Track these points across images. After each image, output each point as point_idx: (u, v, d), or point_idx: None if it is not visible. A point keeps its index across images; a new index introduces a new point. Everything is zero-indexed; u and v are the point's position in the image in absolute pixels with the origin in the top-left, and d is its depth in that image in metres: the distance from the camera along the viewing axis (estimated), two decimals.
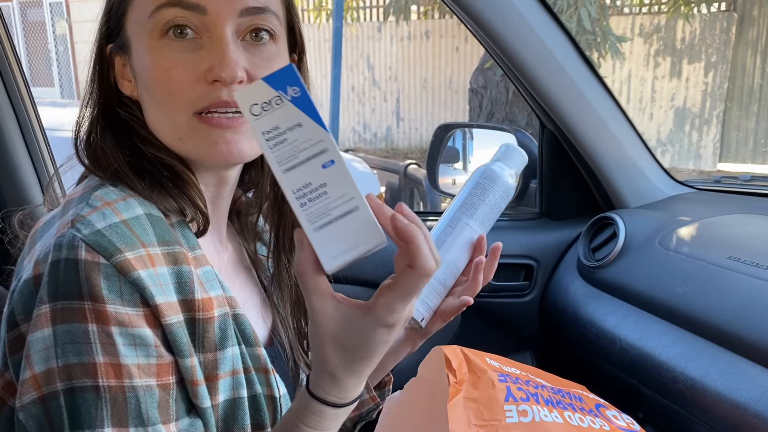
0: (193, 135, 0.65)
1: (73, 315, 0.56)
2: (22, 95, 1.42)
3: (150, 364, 0.59)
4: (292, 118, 0.55)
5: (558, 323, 1.38)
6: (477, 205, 0.77)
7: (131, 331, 0.57)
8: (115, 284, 0.57)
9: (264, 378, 0.68)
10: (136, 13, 0.66)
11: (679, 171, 6.97)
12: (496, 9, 1.18)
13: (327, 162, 0.56)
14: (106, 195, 0.63)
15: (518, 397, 0.94)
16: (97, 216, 0.60)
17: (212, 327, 0.63)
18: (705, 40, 7.13)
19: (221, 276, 0.69)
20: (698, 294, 1.04)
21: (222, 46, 0.64)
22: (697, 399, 0.94)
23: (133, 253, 0.59)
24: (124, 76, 0.70)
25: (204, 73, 0.64)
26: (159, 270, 0.60)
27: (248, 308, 0.77)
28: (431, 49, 8.48)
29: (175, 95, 0.64)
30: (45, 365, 0.56)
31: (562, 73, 1.26)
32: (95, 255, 0.57)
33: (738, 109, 7.18)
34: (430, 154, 1.65)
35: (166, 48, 0.64)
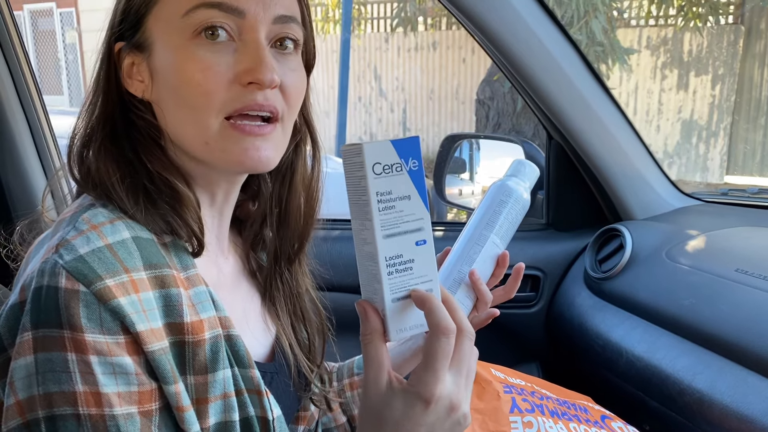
0: (223, 140, 0.64)
1: (52, 344, 0.56)
2: (35, 103, 1.43)
3: (131, 392, 0.58)
4: (405, 189, 0.57)
5: (564, 334, 1.37)
6: (496, 220, 0.79)
7: (110, 360, 0.57)
8: (95, 312, 0.56)
9: (257, 400, 0.67)
10: (164, 12, 0.64)
11: (686, 183, 6.95)
12: (503, 20, 1.19)
13: (420, 240, 0.58)
14: (93, 217, 0.62)
15: (523, 409, 0.94)
16: (81, 240, 0.59)
17: (202, 350, 0.62)
18: (712, 53, 7.13)
19: (216, 294, 0.67)
20: (705, 306, 1.04)
21: (259, 49, 0.64)
22: (704, 412, 0.93)
23: (114, 280, 0.58)
24: (135, 76, 0.67)
25: (238, 76, 0.63)
26: (143, 295, 0.59)
27: (249, 318, 0.77)
28: (438, 60, 8.51)
29: (208, 96, 0.63)
30: (27, 392, 0.56)
31: (569, 85, 1.26)
32: (75, 283, 0.56)
33: (745, 121, 7.17)
34: (437, 164, 1.65)
35: (199, 48, 0.63)
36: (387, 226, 0.57)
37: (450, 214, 4.12)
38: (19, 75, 1.41)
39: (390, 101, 8.86)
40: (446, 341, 0.57)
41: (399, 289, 0.58)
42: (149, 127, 0.67)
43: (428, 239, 0.59)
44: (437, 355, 0.57)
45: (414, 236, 0.58)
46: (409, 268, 0.58)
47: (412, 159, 0.58)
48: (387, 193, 0.57)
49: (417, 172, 0.58)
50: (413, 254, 0.58)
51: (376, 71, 8.80)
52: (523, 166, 0.82)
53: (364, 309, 0.60)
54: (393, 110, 8.87)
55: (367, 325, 0.60)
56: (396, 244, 0.58)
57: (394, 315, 0.59)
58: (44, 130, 1.47)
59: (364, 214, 0.58)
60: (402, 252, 0.58)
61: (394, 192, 0.57)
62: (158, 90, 0.66)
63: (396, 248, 0.58)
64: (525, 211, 0.81)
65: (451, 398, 0.59)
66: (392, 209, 0.57)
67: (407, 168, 0.57)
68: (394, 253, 0.58)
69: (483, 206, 0.80)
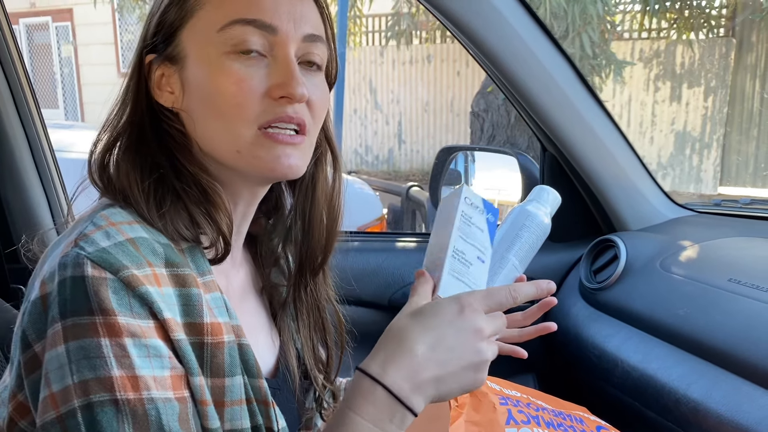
0: (256, 148, 0.67)
1: (84, 330, 0.56)
2: (33, 118, 1.44)
3: (165, 377, 0.58)
4: (480, 224, 0.74)
5: (560, 345, 1.38)
6: (516, 242, 0.80)
7: (145, 342, 0.57)
8: (124, 298, 0.57)
9: (264, 410, 0.67)
10: (200, 25, 0.67)
11: (680, 194, 6.98)
12: (497, 34, 1.20)
13: (481, 258, 0.73)
14: (112, 216, 0.63)
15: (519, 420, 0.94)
16: (101, 234, 0.60)
17: (221, 352, 0.62)
18: (704, 65, 7.19)
19: (229, 302, 0.68)
20: (699, 316, 1.04)
21: (290, 65, 0.67)
22: (699, 421, 0.94)
23: (140, 271, 0.59)
24: (165, 87, 0.69)
25: (270, 90, 0.66)
26: (165, 290, 0.60)
27: (255, 333, 0.77)
28: (433, 72, 8.55)
29: (242, 108, 0.65)
30: (61, 383, 0.56)
31: (562, 97, 1.27)
32: (101, 271, 0.57)
33: (738, 133, 7.22)
34: (432, 176, 1.66)
35: (234, 62, 0.65)
36: (463, 234, 0.72)
37: None
38: (18, 89, 1.41)
39: (385, 114, 8.89)
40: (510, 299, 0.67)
41: (456, 272, 0.71)
42: (178, 136, 0.69)
43: (486, 261, 0.73)
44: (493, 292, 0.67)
45: (477, 253, 0.73)
46: (467, 265, 0.72)
47: (491, 214, 0.75)
48: (469, 217, 0.73)
49: (492, 223, 0.75)
50: (473, 260, 0.72)
51: (372, 84, 8.84)
52: (545, 193, 0.84)
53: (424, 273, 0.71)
54: (388, 123, 8.89)
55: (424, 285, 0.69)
56: (463, 246, 0.72)
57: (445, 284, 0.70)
58: (43, 145, 1.47)
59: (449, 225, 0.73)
60: (466, 252, 0.72)
61: (473, 220, 0.73)
62: (190, 101, 0.68)
63: (463, 247, 0.72)
64: (545, 236, 0.82)
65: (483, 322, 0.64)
66: (469, 227, 0.73)
67: (486, 215, 0.75)
68: (460, 249, 0.71)
69: (504, 229, 0.82)
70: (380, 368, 0.61)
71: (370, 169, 8.88)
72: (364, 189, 3.46)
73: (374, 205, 3.29)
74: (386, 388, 0.60)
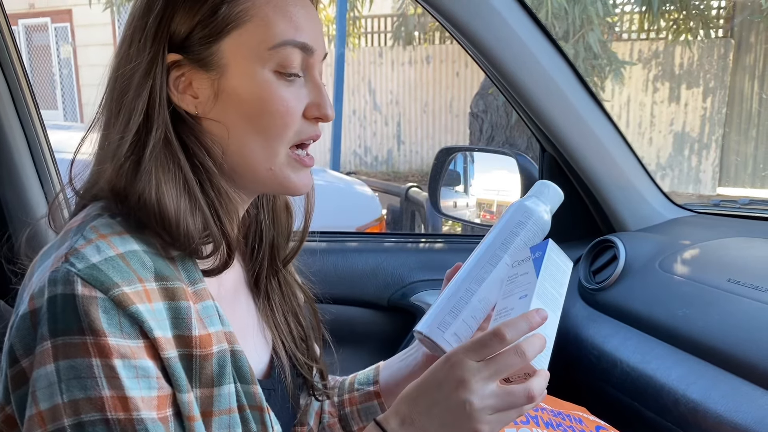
0: (286, 169, 0.70)
1: (75, 350, 0.56)
2: (33, 119, 1.44)
3: (151, 397, 0.59)
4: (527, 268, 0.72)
5: (559, 345, 1.37)
6: (512, 241, 0.76)
7: (134, 363, 0.58)
8: (114, 318, 0.57)
9: (259, 416, 0.67)
10: (246, 38, 0.66)
11: (679, 195, 6.99)
12: (496, 35, 1.20)
13: (523, 295, 0.69)
14: (102, 227, 0.63)
15: (518, 420, 0.94)
16: (92, 249, 0.60)
17: (210, 364, 0.63)
18: (703, 66, 7.20)
19: (221, 308, 0.68)
20: (698, 316, 1.05)
21: (322, 87, 0.70)
22: (699, 421, 0.94)
23: (131, 288, 0.59)
24: (186, 90, 0.67)
25: (307, 110, 0.69)
26: (155, 305, 0.60)
27: (248, 333, 0.77)
28: (432, 73, 8.56)
29: (287, 128, 0.68)
30: (50, 402, 0.56)
31: (561, 98, 1.27)
32: (92, 289, 0.57)
33: (736, 134, 7.22)
34: (432, 176, 1.66)
35: (279, 81, 0.67)
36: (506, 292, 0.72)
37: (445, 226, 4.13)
38: (17, 90, 1.41)
39: (384, 115, 8.89)
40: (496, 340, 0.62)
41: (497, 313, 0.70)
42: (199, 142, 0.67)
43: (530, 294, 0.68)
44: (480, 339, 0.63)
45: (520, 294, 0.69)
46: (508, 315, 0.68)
47: (539, 251, 0.73)
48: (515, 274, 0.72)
49: (538, 259, 0.72)
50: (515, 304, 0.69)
51: (371, 85, 8.84)
52: (546, 188, 0.79)
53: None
54: (387, 123, 8.89)
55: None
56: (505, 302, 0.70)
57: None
58: (42, 146, 1.47)
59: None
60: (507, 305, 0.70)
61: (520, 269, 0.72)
62: (224, 111, 0.67)
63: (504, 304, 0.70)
64: (544, 234, 0.78)
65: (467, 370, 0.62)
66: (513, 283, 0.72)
67: (533, 256, 0.73)
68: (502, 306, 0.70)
69: (499, 225, 0.77)
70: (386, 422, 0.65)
71: (369, 170, 8.88)
72: (363, 190, 3.46)
73: (373, 205, 3.29)
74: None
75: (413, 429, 0.63)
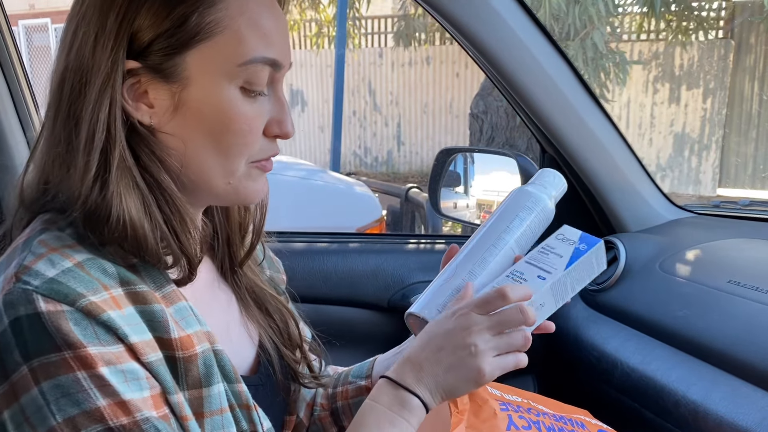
0: (245, 179, 0.67)
1: (55, 368, 0.53)
2: (32, 119, 1.44)
3: (146, 398, 0.57)
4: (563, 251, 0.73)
5: (560, 347, 1.38)
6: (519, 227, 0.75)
7: (121, 368, 0.55)
8: (88, 328, 0.54)
9: (246, 414, 0.66)
10: (215, 53, 0.61)
11: (679, 196, 6.99)
12: (496, 35, 1.20)
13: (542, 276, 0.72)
14: (50, 241, 0.59)
15: (520, 426, 0.94)
16: (44, 264, 0.56)
17: (195, 365, 0.61)
18: (703, 67, 7.20)
19: (197, 309, 0.66)
20: (699, 318, 1.04)
21: (284, 103, 0.67)
22: (699, 423, 0.94)
23: (97, 296, 0.55)
24: (140, 99, 0.62)
25: (268, 128, 0.66)
26: (126, 311, 0.57)
27: (229, 329, 0.76)
28: (432, 74, 8.56)
29: (248, 147, 0.65)
30: (44, 426, 0.53)
31: (561, 99, 1.27)
32: (56, 304, 0.54)
33: (736, 135, 7.23)
34: (432, 177, 1.66)
35: (245, 98, 0.63)
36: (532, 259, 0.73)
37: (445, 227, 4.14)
38: (18, 91, 1.41)
39: (384, 115, 8.90)
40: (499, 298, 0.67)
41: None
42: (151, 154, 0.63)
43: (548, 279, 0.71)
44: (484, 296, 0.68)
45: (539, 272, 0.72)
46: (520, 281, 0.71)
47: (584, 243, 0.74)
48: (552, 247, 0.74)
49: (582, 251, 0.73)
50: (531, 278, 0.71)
51: (371, 86, 8.84)
52: (552, 176, 0.78)
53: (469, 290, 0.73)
54: (387, 124, 8.90)
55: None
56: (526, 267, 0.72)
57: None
58: None
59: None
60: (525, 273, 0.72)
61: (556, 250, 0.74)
62: (183, 125, 0.62)
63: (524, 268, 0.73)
64: (548, 222, 0.77)
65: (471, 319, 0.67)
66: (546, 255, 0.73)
67: (578, 245, 0.74)
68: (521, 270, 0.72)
69: (503, 209, 0.76)
70: (392, 371, 0.70)
71: (369, 171, 8.88)
72: (363, 191, 3.46)
73: (373, 206, 3.29)
74: (393, 380, 0.68)
75: (422, 374, 0.68)
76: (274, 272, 0.89)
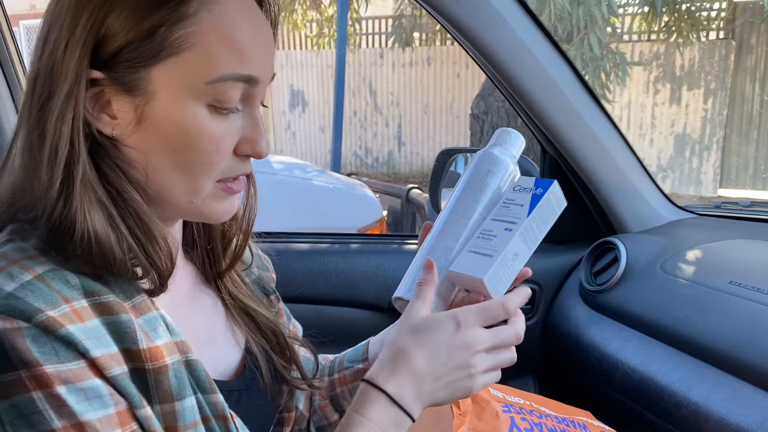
0: (211, 200, 0.63)
1: (10, 389, 0.51)
2: None
3: (109, 415, 0.55)
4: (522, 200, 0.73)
5: (560, 348, 1.38)
6: (484, 191, 0.75)
7: (80, 386, 0.53)
8: (45, 344, 0.52)
9: (223, 425, 0.64)
10: (183, 69, 0.58)
11: (680, 196, 6.99)
12: (497, 36, 1.20)
13: (509, 228, 0.71)
14: (11, 252, 0.57)
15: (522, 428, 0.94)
16: (3, 278, 0.54)
17: (166, 377, 0.59)
18: (704, 68, 7.20)
19: (173, 315, 0.64)
20: (700, 318, 1.04)
21: (259, 120, 0.63)
22: (700, 424, 0.94)
23: (56, 311, 0.53)
24: (103, 109, 0.60)
25: (239, 147, 0.62)
26: (89, 323, 0.55)
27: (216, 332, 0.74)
28: (433, 75, 8.56)
29: (213, 167, 0.61)
30: None
31: (562, 99, 1.27)
32: (12, 320, 0.52)
33: (737, 135, 7.22)
34: (432, 178, 1.66)
35: (212, 115, 0.60)
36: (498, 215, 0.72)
37: None
38: (18, 91, 1.41)
39: (385, 116, 8.90)
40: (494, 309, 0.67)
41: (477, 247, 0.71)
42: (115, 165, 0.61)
43: (515, 230, 0.70)
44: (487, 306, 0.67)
45: (506, 225, 0.71)
46: (490, 239, 0.71)
47: (541, 188, 0.73)
48: (512, 200, 0.73)
49: (539, 195, 0.72)
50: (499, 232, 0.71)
51: (371, 86, 8.84)
52: (508, 135, 0.79)
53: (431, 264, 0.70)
54: (388, 125, 8.90)
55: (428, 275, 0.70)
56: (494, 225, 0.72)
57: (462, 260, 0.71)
58: None
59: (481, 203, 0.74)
60: (494, 229, 0.71)
61: (516, 200, 0.73)
62: (146, 139, 0.60)
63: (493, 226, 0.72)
64: (513, 182, 0.76)
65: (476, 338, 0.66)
66: (508, 208, 0.72)
67: (534, 191, 0.73)
68: (489, 228, 0.72)
69: (466, 176, 0.76)
70: (385, 380, 0.66)
71: (370, 171, 8.88)
72: (363, 191, 3.46)
73: (374, 207, 3.29)
74: (391, 397, 0.65)
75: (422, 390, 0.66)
76: (262, 270, 0.87)
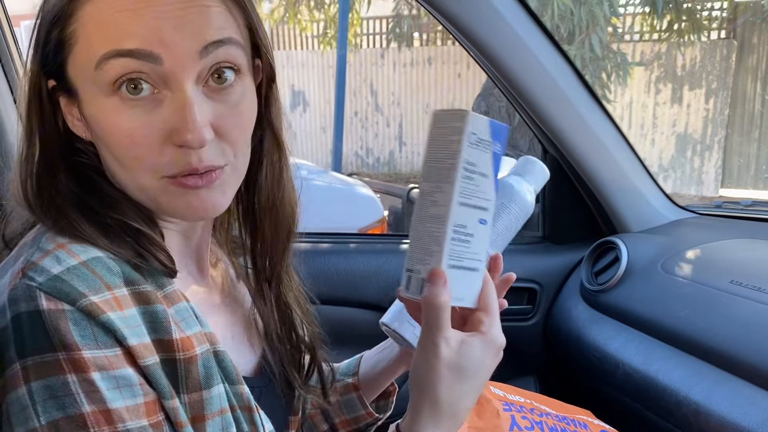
0: (166, 195, 0.60)
1: (48, 369, 0.53)
2: None
3: (138, 405, 0.56)
4: (485, 167, 0.59)
5: (561, 347, 1.38)
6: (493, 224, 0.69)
7: (113, 374, 0.54)
8: (86, 329, 0.53)
9: (248, 416, 0.65)
10: (79, 61, 0.58)
11: (681, 196, 6.98)
12: (498, 37, 1.20)
13: (483, 219, 0.60)
14: (60, 236, 0.58)
15: (523, 426, 0.94)
16: (51, 260, 0.55)
17: (195, 366, 0.60)
18: (705, 67, 7.19)
19: (198, 310, 0.64)
20: (701, 318, 1.04)
21: (184, 104, 0.56)
22: (701, 424, 0.94)
23: (99, 297, 0.55)
24: (74, 114, 0.61)
25: (168, 135, 0.57)
26: (127, 312, 0.57)
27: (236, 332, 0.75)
28: (434, 75, 8.56)
29: (139, 160, 0.58)
30: (25, 427, 0.53)
31: (563, 99, 1.27)
32: (57, 302, 0.53)
33: (739, 135, 7.22)
34: None
35: (121, 106, 0.56)
36: (463, 195, 0.58)
37: None
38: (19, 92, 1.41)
39: (386, 116, 8.90)
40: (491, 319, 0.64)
41: (455, 258, 0.59)
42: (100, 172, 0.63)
43: (489, 220, 0.61)
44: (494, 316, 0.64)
45: (480, 213, 0.60)
46: (468, 241, 0.60)
47: (498, 143, 0.60)
48: (472, 165, 0.58)
49: (498, 155, 0.60)
50: (474, 230, 0.60)
51: (372, 86, 8.84)
52: (532, 165, 0.73)
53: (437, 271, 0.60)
54: (389, 125, 8.90)
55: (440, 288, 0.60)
56: (464, 215, 0.59)
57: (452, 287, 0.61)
58: None
59: (445, 177, 0.59)
60: (467, 224, 0.59)
61: (478, 167, 0.59)
62: (94, 138, 0.61)
63: (463, 219, 0.59)
64: (527, 216, 0.73)
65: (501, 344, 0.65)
66: (471, 181, 0.59)
67: (492, 149, 0.59)
68: (461, 222, 0.59)
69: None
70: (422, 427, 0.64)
71: (371, 171, 8.88)
72: (364, 191, 3.46)
73: (375, 207, 3.28)
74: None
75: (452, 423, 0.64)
76: None
